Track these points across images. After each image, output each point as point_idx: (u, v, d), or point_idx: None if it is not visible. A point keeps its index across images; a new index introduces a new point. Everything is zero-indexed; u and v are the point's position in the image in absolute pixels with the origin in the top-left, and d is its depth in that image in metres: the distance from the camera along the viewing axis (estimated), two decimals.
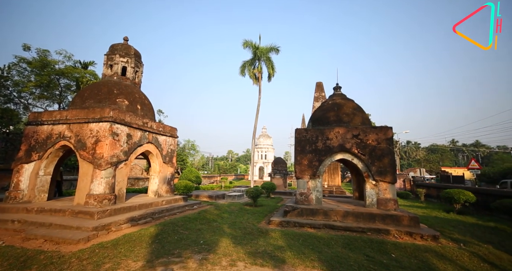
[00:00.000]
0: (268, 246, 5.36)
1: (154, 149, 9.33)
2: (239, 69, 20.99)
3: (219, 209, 9.82)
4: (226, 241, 5.55)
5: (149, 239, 5.49)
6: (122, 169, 7.82)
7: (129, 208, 7.34)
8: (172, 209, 8.63)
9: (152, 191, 9.57)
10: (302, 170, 8.14)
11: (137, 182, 20.19)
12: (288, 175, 22.96)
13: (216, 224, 7.33)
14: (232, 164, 69.82)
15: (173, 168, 10.34)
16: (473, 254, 5.13)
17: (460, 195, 10.33)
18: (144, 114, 9.31)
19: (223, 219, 8.16)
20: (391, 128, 7.68)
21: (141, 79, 10.33)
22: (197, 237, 5.80)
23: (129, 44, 9.93)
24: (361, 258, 4.77)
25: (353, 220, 7.14)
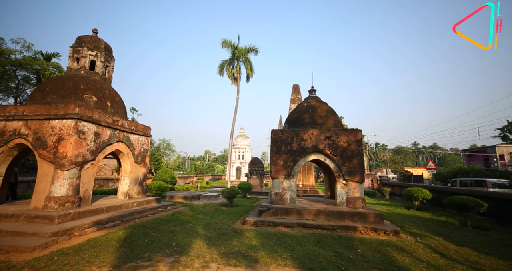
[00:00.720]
0: (242, 246, 5.40)
1: (125, 148, 8.85)
2: (218, 69, 20.78)
3: (194, 210, 9.63)
4: (199, 243, 5.48)
5: (117, 243, 5.21)
6: (89, 170, 7.30)
7: (95, 211, 6.87)
8: (143, 211, 8.26)
9: (122, 192, 9.07)
10: (277, 170, 8.33)
11: (107, 183, 18.95)
12: (264, 175, 23.25)
13: (190, 225, 7.19)
14: (209, 164, 68.74)
15: (146, 169, 9.90)
16: (426, 246, 5.70)
17: (419, 193, 11.36)
18: (115, 111, 8.79)
19: (198, 220, 8.02)
20: (360, 131, 8.20)
21: (111, 75, 9.72)
22: (170, 240, 5.64)
23: (99, 37, 9.30)
24: (330, 255, 5.02)
25: (324, 218, 7.48)
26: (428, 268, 4.46)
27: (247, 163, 39.33)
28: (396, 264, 4.60)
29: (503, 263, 4.80)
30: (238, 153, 45.22)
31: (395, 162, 52.26)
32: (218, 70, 20.77)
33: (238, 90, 20.83)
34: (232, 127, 21.29)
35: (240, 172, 44.56)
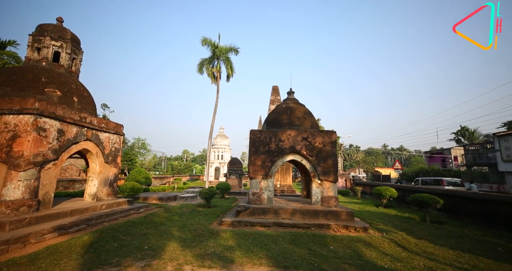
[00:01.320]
0: (218, 247, 5.35)
1: (94, 147, 8.27)
2: (197, 67, 20.35)
3: (169, 212, 9.31)
4: (173, 245, 5.31)
5: (82, 249, 4.85)
6: (50, 170, 6.70)
7: (57, 215, 6.32)
8: (113, 214, 7.79)
9: (90, 194, 8.46)
10: (255, 170, 8.38)
11: (73, 184, 17.53)
12: (243, 175, 23.25)
13: (165, 227, 6.94)
14: (187, 164, 66.91)
15: (117, 169, 9.35)
16: (391, 240, 6.13)
17: (386, 191, 12.17)
18: (82, 107, 8.17)
19: (173, 222, 7.77)
20: (335, 133, 8.57)
21: (79, 68, 9.02)
22: (141, 243, 5.39)
23: (65, 27, 8.58)
24: (305, 252, 5.18)
25: (300, 217, 7.69)
26: (391, 261, 4.80)
27: (226, 163, 39.00)
28: (364, 259, 4.88)
29: (453, 253, 5.35)
30: (217, 153, 44.64)
31: (367, 163, 55.47)
32: (197, 68, 20.34)
33: (218, 89, 20.60)
34: (211, 127, 20.98)
35: (219, 172, 44.02)
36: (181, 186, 25.03)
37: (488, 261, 4.89)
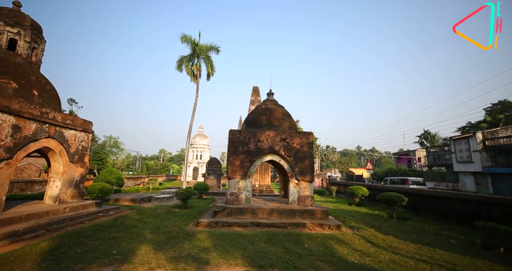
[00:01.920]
0: (193, 248, 5.23)
1: (58, 145, 7.61)
2: (176, 63, 19.66)
3: (142, 213, 8.89)
4: (145, 248, 5.08)
5: (38, 257, 4.42)
6: (2, 170, 6.01)
7: (9, 220, 5.70)
8: (79, 217, 7.23)
9: (51, 196, 7.76)
10: (234, 170, 8.33)
11: (31, 186, 15.95)
12: (222, 175, 23.01)
13: (137, 230, 6.61)
14: (164, 164, 64.44)
15: (84, 169, 8.70)
16: (361, 237, 6.48)
17: (358, 190, 12.84)
18: (44, 102, 7.47)
19: (146, 224, 7.43)
20: (312, 134, 8.84)
21: (41, 59, 8.23)
22: (110, 247, 5.07)
23: (23, 12, 7.79)
24: (280, 251, 5.26)
25: (277, 217, 7.80)
26: (361, 256, 5.07)
27: (205, 163, 38.24)
28: (336, 255, 5.09)
29: (414, 246, 5.81)
30: (196, 153, 43.60)
31: (342, 163, 58.09)
32: (176, 65, 19.65)
33: (197, 88, 20.11)
34: (190, 126, 20.43)
35: (197, 172, 43.03)
36: (157, 186, 24.04)
37: (443, 252, 5.39)
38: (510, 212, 6.89)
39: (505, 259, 5.13)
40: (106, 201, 11.58)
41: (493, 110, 38.03)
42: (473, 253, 5.41)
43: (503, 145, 21.34)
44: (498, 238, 5.63)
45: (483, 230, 5.88)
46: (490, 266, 4.68)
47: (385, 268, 4.47)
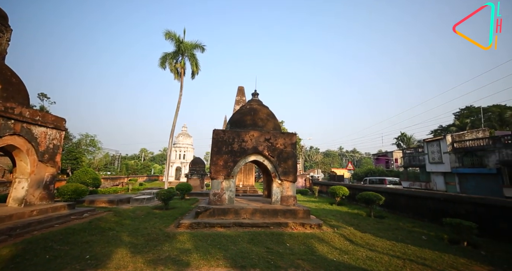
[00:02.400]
0: (174, 250, 5.10)
1: (24, 143, 7.06)
2: (159, 61, 19.08)
3: (120, 215, 8.52)
4: (122, 252, 4.87)
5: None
6: None
7: None
8: (48, 221, 6.76)
9: (16, 199, 7.18)
10: (217, 170, 8.24)
11: None
12: (206, 175, 22.64)
13: (113, 233, 6.31)
14: (145, 164, 62.22)
15: (55, 169, 8.16)
16: (341, 235, 6.69)
17: (339, 190, 13.25)
18: (9, 96, 6.89)
19: (124, 226, 7.12)
20: (295, 135, 8.98)
21: (6, 49, 7.57)
22: (82, 252, 4.79)
23: None
24: (262, 251, 5.28)
25: (260, 217, 7.82)
26: (340, 254, 5.23)
27: (188, 163, 37.43)
28: (316, 254, 5.21)
29: (389, 243, 6.10)
30: (179, 152, 42.55)
31: (325, 164, 59.62)
32: (159, 62, 19.06)
33: (181, 86, 19.67)
34: (173, 125, 19.92)
35: (180, 173, 42.04)
36: (137, 187, 23.14)
37: (415, 248, 5.71)
38: (473, 210, 7.47)
39: (468, 252, 5.55)
40: (80, 203, 10.95)
41: (461, 115, 41.07)
42: (441, 248, 5.78)
43: (469, 147, 23.10)
44: (462, 234, 6.07)
45: (450, 226, 6.31)
46: (454, 259, 5.04)
47: (361, 265, 4.64)
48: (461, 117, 39.56)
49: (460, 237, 6.16)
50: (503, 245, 6.18)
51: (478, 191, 21.15)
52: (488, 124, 33.94)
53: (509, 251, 5.70)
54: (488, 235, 6.69)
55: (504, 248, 5.94)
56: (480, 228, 6.18)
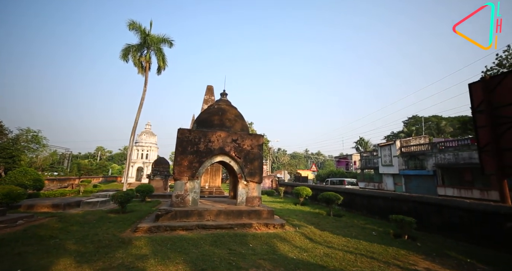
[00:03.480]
0: (128, 257, 4.73)
1: None
2: (121, 52, 17.60)
3: (66, 221, 7.61)
4: (65, 262, 4.34)
5: None
6: None
7: None
8: None
9: None
10: (181, 171, 7.93)
11: None
12: (170, 176, 21.56)
13: (55, 241, 5.60)
14: (101, 163, 56.74)
15: None
16: (302, 234, 6.98)
17: (303, 191, 13.85)
18: None
19: (70, 233, 6.37)
20: (262, 136, 9.13)
21: None
22: (12, 266, 4.14)
23: None
24: (225, 252, 5.23)
25: (224, 218, 7.74)
26: (299, 252, 5.46)
27: (151, 163, 35.23)
28: (278, 253, 5.35)
29: (344, 240, 6.58)
30: (141, 152, 39.73)
31: (291, 165, 61.81)
32: (121, 54, 17.57)
33: (146, 81, 18.43)
34: (135, 122, 18.57)
35: (142, 173, 39.29)
36: (90, 189, 20.97)
37: (366, 243, 6.26)
38: (413, 207, 8.50)
39: (407, 244, 6.30)
40: (15, 208, 9.50)
41: (409, 123, 46.58)
42: (387, 242, 6.45)
43: (413, 152, 26.30)
44: (404, 228, 6.86)
45: (395, 222, 7.09)
46: (396, 251, 5.67)
47: (319, 262, 4.91)
48: (408, 125, 44.93)
49: (402, 232, 6.94)
50: (435, 236, 7.16)
51: (419, 190, 24.20)
52: (428, 132, 39.15)
53: (438, 242, 6.63)
54: (424, 228, 7.67)
55: (435, 239, 6.89)
56: (418, 222, 7.05)
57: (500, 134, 7.87)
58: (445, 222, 7.33)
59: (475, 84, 8.80)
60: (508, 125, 7.68)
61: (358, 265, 4.78)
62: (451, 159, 22.05)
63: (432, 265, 4.96)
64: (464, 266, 4.98)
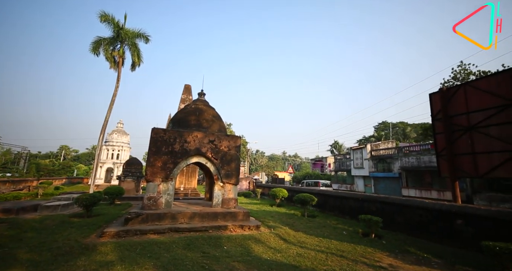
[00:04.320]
0: (91, 264, 4.41)
1: None
2: (91, 45, 16.40)
3: (19, 227, 6.87)
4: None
5: None
6: None
7: None
8: None
9: None
10: (154, 172, 7.61)
11: None
12: (142, 178, 20.57)
13: (3, 251, 5.02)
14: (65, 163, 52.24)
15: None
16: (276, 235, 7.08)
17: (280, 192, 14.07)
18: None
19: (22, 241, 5.76)
20: (240, 138, 9.13)
21: None
22: None
23: None
24: (198, 256, 5.11)
25: (199, 220, 7.57)
26: (273, 253, 5.53)
27: (123, 163, 33.23)
28: (252, 254, 5.36)
29: (317, 239, 6.82)
30: (111, 152, 37.25)
31: (269, 167, 62.52)
32: (91, 47, 16.35)
33: (119, 77, 17.38)
34: (106, 120, 17.42)
35: (112, 174, 36.87)
36: (51, 191, 19.07)
37: (337, 242, 6.55)
38: (380, 207, 9.09)
39: (374, 242, 6.71)
40: None
41: (378, 128, 49.78)
42: (356, 240, 6.80)
43: (382, 155, 28.14)
44: (371, 227, 7.30)
45: (363, 221, 7.51)
46: (364, 250, 6.01)
47: (292, 262, 5.02)
48: (378, 130, 48.04)
49: (370, 231, 7.38)
50: (399, 234, 7.71)
51: (386, 191, 25.94)
52: (395, 137, 42.23)
53: (401, 239, 7.16)
54: (389, 227, 8.23)
55: (399, 237, 7.43)
56: (384, 221, 7.55)
57: (454, 141, 8.77)
58: (407, 221, 7.94)
59: (435, 94, 9.72)
60: (460, 132, 8.59)
61: (328, 264, 4.98)
62: (414, 162, 24.01)
63: (394, 261, 5.34)
64: (422, 261, 5.44)
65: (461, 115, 8.63)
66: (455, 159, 8.70)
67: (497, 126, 7.55)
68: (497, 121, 7.55)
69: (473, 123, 8.21)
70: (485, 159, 7.82)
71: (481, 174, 7.97)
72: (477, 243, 4.95)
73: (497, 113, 7.56)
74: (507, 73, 7.60)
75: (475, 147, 8.12)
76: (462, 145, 8.51)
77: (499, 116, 7.51)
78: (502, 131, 7.41)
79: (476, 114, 8.17)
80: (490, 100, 7.79)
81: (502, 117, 7.43)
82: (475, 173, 8.14)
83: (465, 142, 8.42)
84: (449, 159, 8.82)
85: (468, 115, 8.38)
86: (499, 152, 7.46)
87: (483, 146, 7.90)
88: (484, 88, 8.01)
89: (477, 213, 6.18)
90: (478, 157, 8.05)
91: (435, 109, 9.68)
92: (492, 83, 7.84)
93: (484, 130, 7.90)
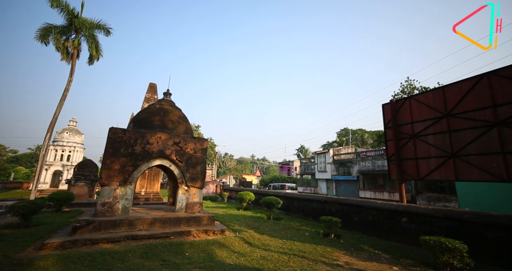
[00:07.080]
0: None
1: None
2: (38, 32, 14.41)
3: None
4: None
5: None
6: None
7: None
8: None
9: None
10: (110, 175, 6.97)
11: None
12: (97, 182, 18.67)
13: None
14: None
15: None
16: (241, 239, 7.04)
17: (247, 195, 14.08)
18: None
19: None
20: (206, 140, 8.93)
21: None
22: None
23: None
24: (157, 264, 4.80)
25: (160, 227, 7.14)
26: (237, 257, 5.49)
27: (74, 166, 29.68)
28: (215, 260, 5.23)
29: (281, 241, 6.98)
30: (61, 152, 33.08)
31: (237, 170, 62.24)
32: (38, 34, 14.34)
33: (72, 70, 15.58)
34: (55, 116, 15.47)
35: (61, 178, 32.70)
36: None
37: (299, 243, 6.79)
38: (339, 208, 9.73)
39: (333, 242, 7.13)
40: None
41: (340, 134, 53.53)
42: (317, 241, 7.15)
43: (343, 160, 30.26)
44: (331, 228, 7.76)
45: (324, 222, 7.94)
46: (324, 249, 6.35)
47: (255, 265, 5.04)
48: (340, 136, 51.64)
49: (330, 231, 7.83)
50: (355, 233, 8.33)
51: (346, 193, 27.90)
52: (355, 143, 45.91)
53: (357, 238, 7.74)
54: (348, 227, 8.85)
55: (355, 235, 8.02)
56: (343, 222, 8.09)
57: (401, 147, 9.91)
58: (363, 220, 8.64)
59: (386, 105, 10.89)
60: (406, 139, 9.75)
61: (290, 265, 5.12)
62: (370, 166, 26.35)
63: (350, 259, 5.74)
64: (373, 257, 5.95)
65: (407, 124, 9.81)
66: (403, 163, 9.81)
67: (433, 135, 8.79)
68: (433, 131, 8.80)
69: (416, 131, 9.41)
70: (425, 164, 9.00)
71: (421, 177, 9.13)
72: (418, 238, 5.61)
73: (433, 124, 8.81)
74: (439, 90, 8.93)
75: (417, 153, 9.29)
76: (408, 151, 9.65)
77: (435, 126, 8.76)
78: (437, 139, 8.64)
79: (418, 124, 9.39)
80: (428, 112, 9.04)
81: (436, 127, 8.68)
82: (417, 176, 9.29)
83: (410, 148, 9.57)
84: (397, 163, 9.90)
85: (412, 125, 9.58)
86: (435, 157, 8.65)
87: (423, 152, 9.09)
88: (423, 101, 9.27)
89: (418, 211, 7.03)
90: (419, 161, 9.21)
91: (386, 118, 10.82)
92: (429, 98, 9.13)
93: (424, 138, 9.10)
